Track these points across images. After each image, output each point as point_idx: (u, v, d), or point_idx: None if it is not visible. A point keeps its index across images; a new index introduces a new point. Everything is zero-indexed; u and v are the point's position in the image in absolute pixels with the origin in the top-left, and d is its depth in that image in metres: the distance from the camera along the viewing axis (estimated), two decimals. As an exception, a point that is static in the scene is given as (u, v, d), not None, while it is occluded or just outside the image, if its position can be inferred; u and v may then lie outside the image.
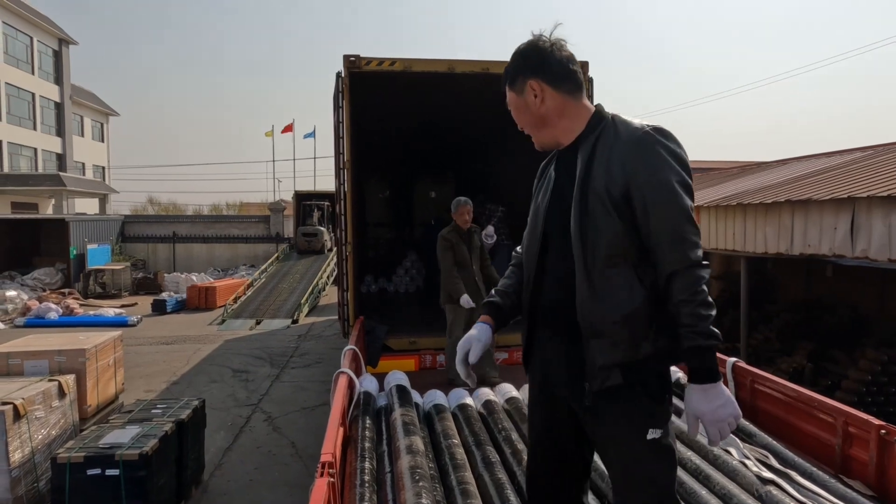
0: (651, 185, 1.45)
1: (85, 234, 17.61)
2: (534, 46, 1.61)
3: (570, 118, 1.61)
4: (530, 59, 1.60)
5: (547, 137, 1.66)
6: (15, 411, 3.67)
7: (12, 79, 27.89)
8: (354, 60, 4.94)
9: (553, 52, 1.58)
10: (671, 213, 1.44)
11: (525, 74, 1.60)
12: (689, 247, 1.44)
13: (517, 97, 1.64)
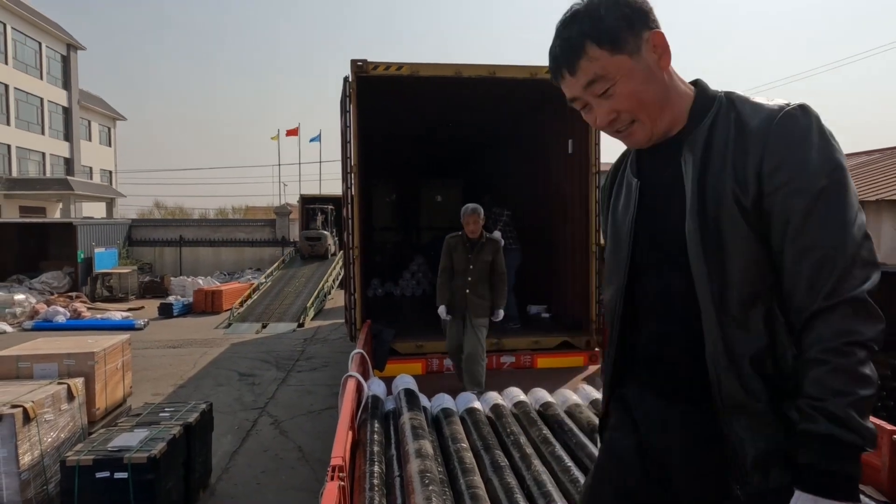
0: (799, 185, 0.99)
1: (92, 238, 17.71)
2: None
3: (681, 93, 1.13)
4: (639, 3, 1.09)
5: (665, 122, 1.12)
6: (25, 414, 3.69)
7: (21, 84, 28.13)
8: (362, 65, 4.96)
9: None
10: (830, 225, 0.97)
11: (638, 24, 1.07)
12: (850, 274, 0.96)
13: (632, 61, 1.08)
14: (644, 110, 1.10)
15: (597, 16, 1.06)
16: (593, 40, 1.05)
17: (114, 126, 38.67)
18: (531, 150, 7.47)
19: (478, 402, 3.29)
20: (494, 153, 9.15)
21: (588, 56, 1.06)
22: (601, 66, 1.06)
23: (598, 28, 1.06)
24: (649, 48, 1.08)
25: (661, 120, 1.12)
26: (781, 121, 1.01)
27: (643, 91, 1.08)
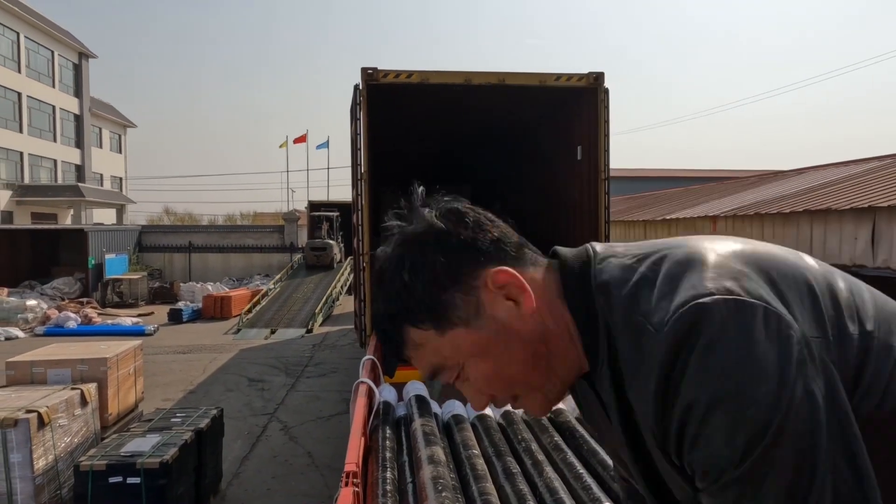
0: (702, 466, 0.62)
1: (103, 244, 17.87)
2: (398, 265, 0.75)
3: (563, 334, 0.75)
4: (415, 290, 0.73)
5: (558, 383, 0.78)
6: (39, 419, 3.74)
7: (34, 92, 28.50)
8: (372, 73, 5.00)
9: (475, 220, 0.78)
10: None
11: (464, 273, 0.74)
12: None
13: (466, 334, 0.74)
14: (520, 385, 0.77)
15: (400, 285, 0.74)
16: (409, 322, 0.74)
17: (124, 133, 39.07)
18: (540, 156, 7.49)
19: (489, 408, 3.29)
20: (503, 159, 9.17)
21: (413, 344, 0.76)
22: (434, 352, 0.75)
23: (408, 303, 0.73)
24: (493, 298, 0.73)
25: (550, 384, 0.77)
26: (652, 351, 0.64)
27: (505, 365, 0.75)
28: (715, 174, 23.19)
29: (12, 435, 3.59)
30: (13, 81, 27.06)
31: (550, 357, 0.75)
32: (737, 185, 11.86)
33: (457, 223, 0.76)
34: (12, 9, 26.48)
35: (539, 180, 7.61)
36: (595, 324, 0.71)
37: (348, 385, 7.89)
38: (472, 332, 0.73)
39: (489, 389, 0.77)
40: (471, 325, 0.73)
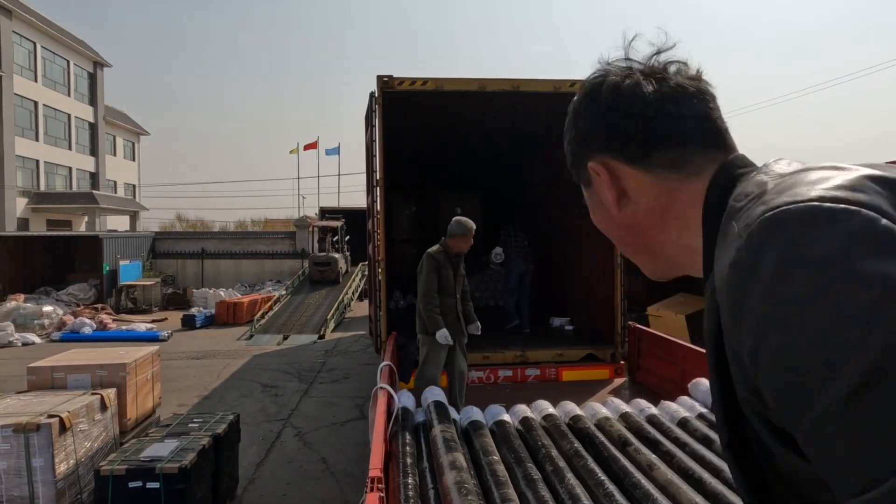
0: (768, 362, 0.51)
1: (117, 251, 18.05)
2: (590, 92, 0.77)
3: (685, 219, 0.72)
4: (586, 120, 0.77)
5: (653, 266, 0.81)
6: (61, 424, 3.77)
7: (49, 100, 28.92)
8: (388, 81, 5.04)
9: (629, 93, 0.73)
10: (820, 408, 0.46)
11: (584, 151, 0.78)
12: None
13: (588, 193, 0.83)
14: (621, 250, 0.83)
15: (565, 131, 0.81)
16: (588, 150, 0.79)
17: (138, 141, 39.52)
18: (554, 162, 7.48)
19: (507, 414, 3.29)
20: (516, 165, 9.18)
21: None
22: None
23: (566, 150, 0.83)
24: (600, 182, 0.77)
25: (643, 265, 0.81)
26: (736, 260, 0.55)
27: (605, 229, 0.82)
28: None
29: (34, 440, 3.63)
30: (30, 91, 27.48)
31: (644, 249, 0.79)
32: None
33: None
34: (30, 20, 26.92)
35: (553, 185, 7.61)
36: (721, 215, 0.64)
37: (361, 391, 7.91)
38: (587, 193, 0.82)
39: (610, 235, 0.83)
40: (587, 188, 0.81)
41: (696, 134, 0.72)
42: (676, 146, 0.72)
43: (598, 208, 0.81)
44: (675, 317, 8.96)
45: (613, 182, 0.75)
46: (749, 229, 0.54)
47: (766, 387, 0.51)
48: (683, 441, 2.96)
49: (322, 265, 16.84)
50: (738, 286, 0.53)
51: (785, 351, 0.49)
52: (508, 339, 6.38)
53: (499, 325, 7.54)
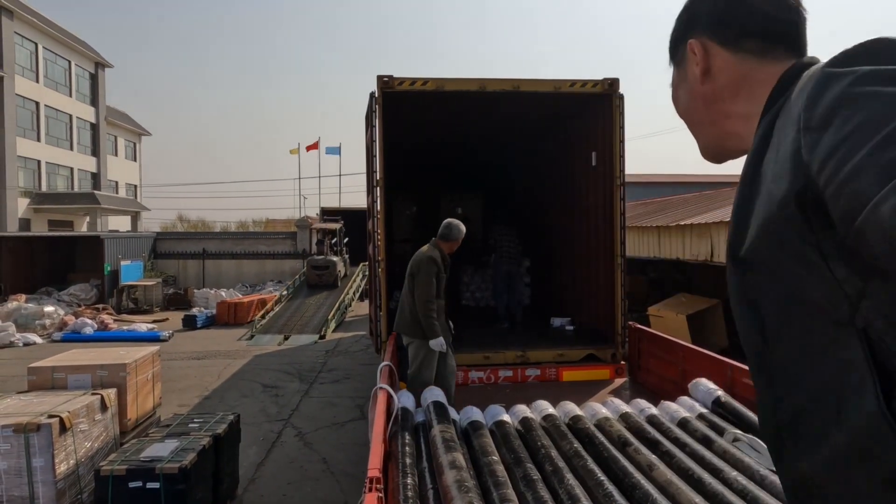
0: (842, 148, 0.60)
1: (118, 251, 18.07)
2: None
3: (754, 95, 0.86)
4: (697, 4, 0.94)
5: (711, 136, 0.95)
6: (61, 424, 3.78)
7: (51, 101, 28.97)
8: (388, 81, 5.03)
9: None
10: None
11: (687, 31, 0.94)
12: None
13: (677, 72, 0.99)
14: (687, 121, 0.99)
15: (675, 22, 0.98)
16: (670, 53, 1.00)
17: (139, 141, 39.56)
18: (554, 163, 7.49)
19: (506, 414, 3.29)
20: (517, 165, 9.18)
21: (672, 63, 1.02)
22: (672, 76, 1.01)
23: (670, 39, 0.99)
24: (692, 59, 0.92)
25: (701, 137, 0.96)
26: (819, 79, 0.67)
27: (677, 102, 0.99)
28: (729, 179, 23.01)
29: (35, 440, 3.64)
30: (32, 91, 27.53)
31: (713, 125, 0.93)
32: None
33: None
34: (31, 20, 26.97)
35: (554, 187, 7.61)
36: (780, 96, 0.78)
37: (362, 391, 7.92)
38: (677, 74, 0.98)
39: (679, 110, 1.00)
40: (678, 69, 0.97)
41: (778, 34, 0.87)
42: (760, 38, 0.87)
43: (683, 83, 0.96)
44: (676, 317, 8.94)
45: (704, 58, 0.90)
46: (831, 58, 0.68)
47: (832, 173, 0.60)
48: (683, 441, 2.96)
49: (320, 269, 16.33)
50: (827, 95, 0.64)
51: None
52: (509, 340, 6.38)
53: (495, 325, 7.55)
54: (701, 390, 3.64)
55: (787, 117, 0.72)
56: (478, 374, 5.27)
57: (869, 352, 0.63)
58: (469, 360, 5.26)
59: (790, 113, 0.71)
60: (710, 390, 3.56)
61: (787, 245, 0.68)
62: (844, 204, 0.59)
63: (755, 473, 2.51)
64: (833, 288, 0.65)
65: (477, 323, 7.55)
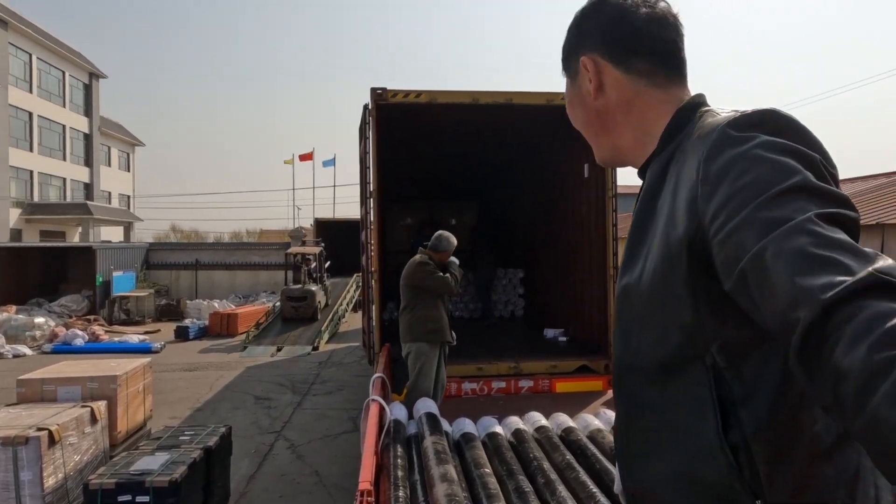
0: (732, 202, 0.69)
1: (111, 262, 17.96)
2: (595, 3, 1.00)
3: (644, 118, 0.95)
4: (586, 21, 0.99)
5: (607, 148, 1.03)
6: (50, 437, 3.74)
7: (44, 111, 28.91)
8: (381, 93, 5.07)
9: (623, 9, 0.95)
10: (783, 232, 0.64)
11: (578, 47, 1.00)
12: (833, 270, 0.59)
13: (571, 85, 1.05)
14: (582, 132, 1.07)
15: (566, 34, 1.05)
16: (562, 63, 1.07)
17: (132, 151, 39.49)
18: (547, 174, 7.53)
19: (499, 426, 3.28)
20: (511, 177, 9.23)
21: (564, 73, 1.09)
22: (565, 86, 1.08)
23: (562, 49, 1.06)
24: (583, 74, 0.98)
25: (598, 146, 1.04)
26: (717, 136, 0.77)
27: (573, 115, 1.06)
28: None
29: (23, 453, 3.60)
30: (25, 101, 27.48)
31: (605, 131, 1.01)
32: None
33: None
34: (26, 31, 26.98)
35: (547, 198, 7.65)
36: (691, 119, 0.90)
37: (355, 403, 7.87)
38: (571, 86, 1.04)
39: (575, 121, 1.07)
40: (573, 81, 1.03)
41: (666, 56, 0.96)
42: (651, 59, 0.95)
43: (577, 97, 1.03)
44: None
45: (597, 74, 0.97)
46: (731, 118, 0.78)
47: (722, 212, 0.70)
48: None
49: (296, 300, 13.95)
50: (734, 140, 0.75)
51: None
52: (502, 351, 6.38)
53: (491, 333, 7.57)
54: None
55: (685, 161, 0.82)
56: (471, 385, 5.26)
57: (714, 385, 0.74)
58: (462, 371, 5.25)
59: (687, 158, 0.82)
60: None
61: (671, 282, 0.78)
62: (730, 251, 0.68)
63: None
64: (695, 326, 0.76)
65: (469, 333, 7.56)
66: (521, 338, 7.35)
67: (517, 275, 9.06)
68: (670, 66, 0.96)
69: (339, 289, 17.12)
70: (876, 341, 0.51)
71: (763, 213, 0.66)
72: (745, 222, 0.67)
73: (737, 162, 0.72)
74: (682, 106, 0.93)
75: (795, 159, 0.70)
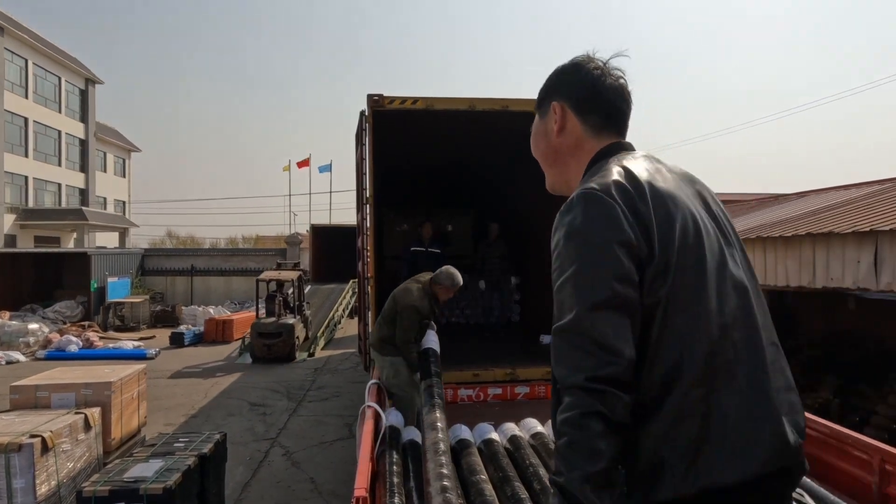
0: (553, 274, 1.13)
1: (106, 268, 17.89)
2: (573, 64, 1.32)
3: (582, 161, 1.28)
4: (564, 76, 1.32)
5: (555, 179, 1.36)
6: (43, 444, 3.71)
7: (40, 117, 28.84)
8: (378, 99, 5.08)
9: (593, 75, 1.28)
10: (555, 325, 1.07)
11: (552, 94, 1.32)
12: (566, 362, 1.02)
13: (539, 121, 1.37)
14: (539, 161, 1.39)
15: (545, 81, 1.38)
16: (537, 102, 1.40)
17: (128, 157, 39.41)
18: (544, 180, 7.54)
19: (495, 433, 3.28)
20: (506, 183, 9.24)
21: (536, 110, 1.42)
22: (535, 120, 1.40)
23: (539, 91, 1.39)
24: (551, 112, 1.31)
25: (549, 175, 1.38)
26: (561, 210, 1.15)
27: (535, 145, 1.38)
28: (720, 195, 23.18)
29: (16, 460, 3.57)
30: (20, 107, 27.42)
31: (557, 164, 1.36)
32: (737, 208, 11.92)
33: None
34: (22, 37, 26.96)
35: (544, 204, 7.65)
36: (591, 169, 1.26)
37: (351, 409, 7.85)
38: (538, 121, 1.39)
39: (535, 151, 1.42)
40: (542, 118, 1.38)
41: (612, 116, 1.29)
42: (600, 117, 1.29)
43: (542, 132, 1.36)
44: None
45: (561, 117, 1.31)
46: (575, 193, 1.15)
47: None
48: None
49: (269, 336, 11.30)
50: (559, 219, 1.14)
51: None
52: (499, 357, 6.37)
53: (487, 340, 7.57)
54: (689, 408, 3.65)
55: None
56: (467, 391, 5.25)
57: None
58: (458, 377, 5.24)
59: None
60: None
61: None
62: (557, 304, 1.09)
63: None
64: None
65: (465, 339, 7.55)
66: (518, 344, 7.35)
67: (513, 281, 9.06)
68: (613, 126, 1.29)
69: (335, 295, 17.09)
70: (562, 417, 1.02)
71: (568, 285, 1.06)
72: (561, 285, 1.09)
73: (561, 227, 1.13)
74: (592, 158, 1.27)
75: (575, 247, 1.09)
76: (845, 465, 2.67)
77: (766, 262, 6.96)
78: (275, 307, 11.95)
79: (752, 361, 1.07)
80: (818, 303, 9.54)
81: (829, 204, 8.13)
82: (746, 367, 1.06)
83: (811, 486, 2.59)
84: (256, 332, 11.43)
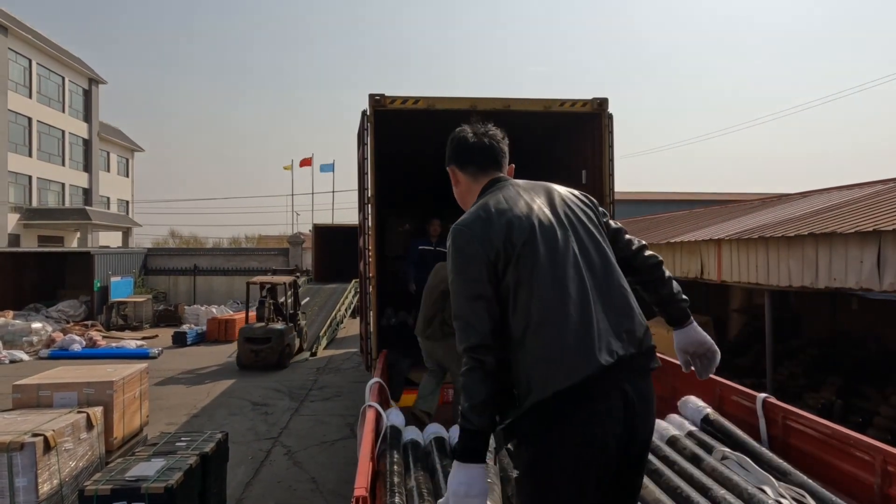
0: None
1: (109, 267, 17.95)
2: (451, 137, 1.94)
3: (475, 199, 1.85)
4: (449, 147, 1.93)
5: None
6: (45, 443, 3.73)
7: (44, 117, 28.95)
8: (379, 99, 5.08)
9: (464, 141, 1.88)
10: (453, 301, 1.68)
11: (448, 161, 1.94)
12: (458, 336, 1.62)
13: (452, 178, 1.97)
14: (461, 207, 1.96)
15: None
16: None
17: (132, 157, 39.52)
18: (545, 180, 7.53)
19: (496, 433, 3.27)
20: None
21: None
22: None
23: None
24: (451, 175, 1.97)
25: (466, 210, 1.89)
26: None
27: (457, 197, 2.01)
28: (718, 197, 23.21)
29: (18, 459, 3.58)
30: (24, 107, 27.51)
31: (466, 206, 1.91)
32: (740, 208, 11.89)
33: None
34: (26, 37, 27.05)
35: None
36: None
37: (353, 409, 7.85)
38: (451, 175, 2.02)
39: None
40: (453, 173, 2.00)
41: (483, 163, 1.90)
42: (476, 166, 1.90)
43: (454, 187, 1.99)
44: (667, 334, 8.93)
45: (454, 175, 1.96)
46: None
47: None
48: (672, 459, 2.95)
49: (257, 342, 10.65)
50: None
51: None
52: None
53: None
54: (690, 408, 3.64)
55: None
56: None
57: None
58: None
59: None
60: (700, 408, 3.56)
61: None
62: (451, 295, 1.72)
63: (743, 492, 2.51)
64: None
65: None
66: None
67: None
68: (489, 168, 1.89)
69: (337, 295, 17.11)
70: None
71: (454, 291, 1.68)
72: (454, 290, 1.70)
73: (451, 245, 1.72)
74: (478, 194, 1.86)
75: (453, 259, 1.70)
76: (847, 465, 2.66)
77: (768, 262, 6.94)
78: (265, 311, 11.53)
79: (581, 306, 1.58)
80: (821, 303, 9.52)
81: (831, 204, 8.10)
82: (577, 311, 1.56)
83: (812, 487, 2.58)
84: (244, 337, 10.77)
